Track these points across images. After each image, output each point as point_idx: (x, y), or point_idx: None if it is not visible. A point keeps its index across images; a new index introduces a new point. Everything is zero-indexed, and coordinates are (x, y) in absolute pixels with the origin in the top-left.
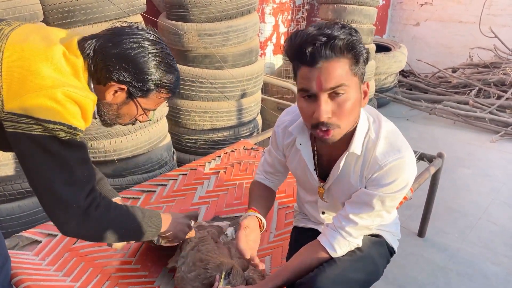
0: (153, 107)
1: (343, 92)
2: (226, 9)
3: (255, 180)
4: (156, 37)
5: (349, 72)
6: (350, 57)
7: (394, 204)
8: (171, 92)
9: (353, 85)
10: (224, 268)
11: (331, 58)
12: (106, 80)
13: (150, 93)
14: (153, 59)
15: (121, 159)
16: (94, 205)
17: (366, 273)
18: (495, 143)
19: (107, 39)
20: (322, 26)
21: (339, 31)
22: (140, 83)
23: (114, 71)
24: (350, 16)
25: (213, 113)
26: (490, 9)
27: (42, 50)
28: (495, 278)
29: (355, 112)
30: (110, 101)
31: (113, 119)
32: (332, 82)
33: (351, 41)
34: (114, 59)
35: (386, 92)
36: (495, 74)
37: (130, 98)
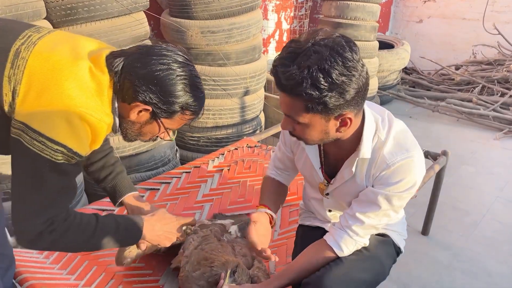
0: (175, 127)
1: (298, 122)
2: (229, 6)
3: (267, 176)
4: (185, 58)
5: (301, 110)
6: (301, 99)
7: (402, 204)
8: (195, 114)
9: (309, 120)
10: (229, 266)
11: (287, 92)
12: (131, 100)
13: (175, 115)
14: (181, 82)
15: (124, 157)
16: (49, 229)
17: (373, 273)
18: (498, 140)
19: (136, 58)
20: (294, 51)
21: (299, 69)
22: (166, 105)
23: (140, 92)
24: (353, 13)
25: (216, 111)
26: (493, 5)
27: (68, 63)
28: (499, 277)
29: (317, 137)
30: (133, 119)
31: (134, 136)
32: (286, 110)
33: (300, 84)
34: (141, 80)
35: (389, 89)
36: (499, 71)
37: (154, 119)
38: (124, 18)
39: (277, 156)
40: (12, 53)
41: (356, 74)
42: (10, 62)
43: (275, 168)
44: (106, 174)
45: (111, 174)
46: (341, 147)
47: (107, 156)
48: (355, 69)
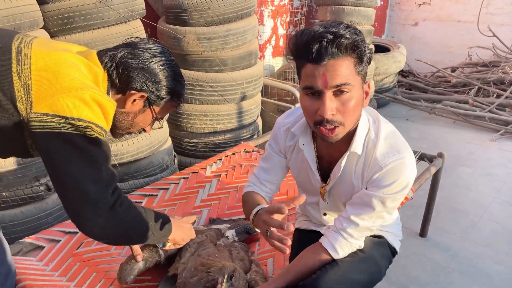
0: (163, 114)
1: (347, 90)
2: (225, 13)
3: (247, 191)
4: (165, 49)
5: (353, 71)
6: (355, 56)
7: (395, 205)
8: (180, 100)
9: (357, 84)
10: (226, 270)
11: (337, 56)
12: (127, 89)
13: (164, 101)
14: (168, 69)
15: (123, 163)
16: (119, 201)
17: (368, 274)
18: (495, 141)
19: (128, 51)
20: (328, 25)
21: (345, 30)
22: (157, 91)
23: (136, 80)
24: (348, 17)
25: (214, 116)
26: (488, 8)
27: (67, 58)
28: (498, 277)
29: (357, 111)
30: (128, 109)
31: (126, 128)
32: (338, 79)
33: (357, 41)
34: (135, 69)
35: (385, 92)
36: (494, 73)
37: (147, 106)
38: (121, 26)
39: (262, 168)
40: (14, 51)
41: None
42: (15, 60)
43: (258, 183)
44: None
45: None
46: (335, 147)
47: None
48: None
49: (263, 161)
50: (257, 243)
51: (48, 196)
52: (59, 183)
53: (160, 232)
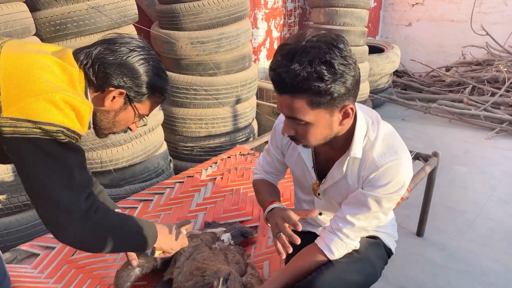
0: (147, 112)
1: (302, 122)
2: (218, 17)
3: (257, 179)
4: (146, 43)
5: (306, 108)
6: (307, 94)
7: (391, 206)
8: (163, 97)
9: (314, 117)
10: (221, 274)
11: (290, 92)
12: (105, 86)
13: (146, 98)
14: (147, 63)
15: (118, 169)
16: (94, 208)
17: (364, 275)
18: (490, 140)
19: (104, 47)
20: (290, 51)
21: (300, 66)
22: (137, 87)
23: (113, 76)
24: (342, 19)
25: (209, 120)
26: (481, 7)
27: (39, 59)
28: (495, 275)
29: (320, 135)
30: (108, 107)
31: (109, 127)
32: (290, 113)
33: (307, 79)
34: (112, 65)
35: (380, 92)
36: (488, 72)
37: (128, 103)
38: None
39: (266, 160)
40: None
41: (351, 63)
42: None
43: (264, 172)
44: None
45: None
46: (332, 147)
47: None
48: (350, 57)
49: (266, 154)
50: (253, 246)
51: None
52: (30, 190)
53: (142, 239)
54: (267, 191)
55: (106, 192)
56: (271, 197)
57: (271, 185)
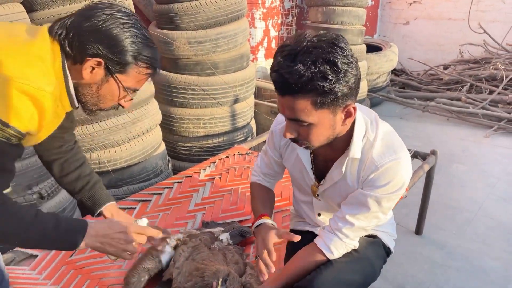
0: (134, 85)
1: (305, 123)
2: (215, 16)
3: (254, 182)
4: (129, 10)
5: (309, 108)
6: (311, 95)
7: (390, 205)
8: (152, 67)
9: (317, 118)
10: (220, 275)
11: (294, 93)
12: (82, 57)
13: (129, 68)
14: (128, 29)
15: (116, 169)
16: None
17: (363, 274)
18: (488, 138)
19: (79, 14)
20: (292, 52)
21: (304, 66)
22: (116, 55)
23: (88, 45)
24: (339, 17)
25: (207, 120)
26: (478, 5)
27: (3, 40)
28: (494, 273)
29: (322, 136)
30: (88, 80)
31: (94, 103)
32: (292, 115)
33: (311, 79)
34: (87, 32)
35: (379, 91)
36: (486, 70)
37: (109, 75)
38: None
39: (264, 161)
40: None
41: (353, 61)
42: None
43: (262, 174)
44: (83, 184)
45: (88, 184)
46: (331, 147)
47: (81, 166)
48: (352, 56)
49: (264, 155)
50: (252, 246)
51: (41, 204)
52: None
53: (59, 237)
54: (261, 200)
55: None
56: (263, 209)
57: (267, 192)
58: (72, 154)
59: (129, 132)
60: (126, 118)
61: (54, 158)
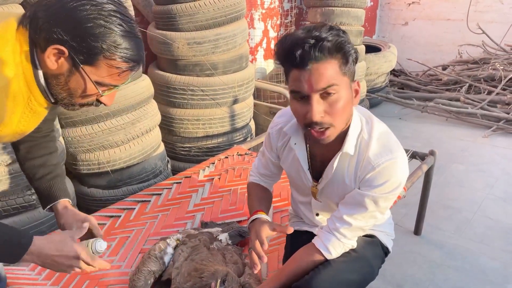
0: (108, 80)
1: (334, 92)
2: (214, 17)
3: (252, 182)
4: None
5: (339, 72)
6: (339, 57)
7: (388, 205)
8: (128, 61)
9: (344, 84)
10: (219, 275)
11: (321, 59)
12: (45, 44)
13: (97, 59)
14: (102, 15)
15: (115, 170)
16: None
17: (361, 274)
18: (487, 138)
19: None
20: (310, 28)
21: (327, 32)
22: (81, 42)
23: (51, 30)
24: (338, 18)
25: (206, 120)
26: (477, 6)
27: None
28: (493, 273)
29: (347, 111)
30: (55, 70)
31: (65, 96)
32: (323, 82)
33: (339, 42)
34: (54, 15)
35: (377, 92)
36: (485, 70)
37: (76, 66)
38: None
39: (261, 162)
40: None
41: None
42: None
43: (259, 175)
44: (44, 173)
45: (49, 174)
46: (327, 147)
47: (50, 155)
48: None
49: (261, 156)
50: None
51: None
52: None
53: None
54: (257, 197)
55: (64, 179)
56: (258, 205)
57: (263, 191)
58: (44, 141)
59: (128, 133)
60: (125, 119)
61: (25, 140)
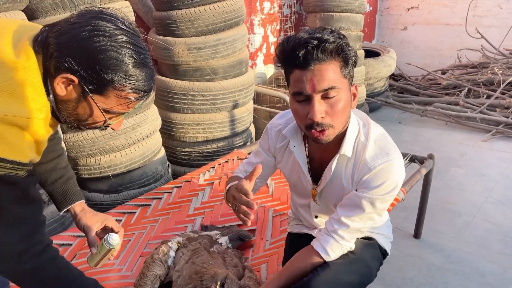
0: (116, 108)
1: (335, 93)
2: (214, 23)
3: (233, 175)
4: (126, 21)
5: (339, 74)
6: (340, 60)
7: (385, 207)
8: (137, 91)
9: (344, 87)
10: (218, 278)
11: (323, 60)
12: (55, 71)
13: (107, 90)
14: (112, 46)
15: (116, 174)
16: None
17: (359, 276)
18: (487, 142)
19: (64, 21)
20: (312, 31)
21: (329, 35)
22: (92, 74)
23: (62, 58)
24: (337, 23)
25: (206, 125)
26: (475, 10)
27: None
28: (492, 276)
29: (346, 112)
30: (64, 96)
31: (72, 120)
32: (325, 83)
33: (341, 44)
34: (65, 44)
35: (377, 96)
36: (484, 74)
37: (84, 94)
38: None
39: (251, 161)
40: None
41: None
42: None
43: (244, 172)
44: (57, 177)
45: (62, 177)
46: (326, 150)
47: (59, 158)
48: None
49: (253, 156)
50: (251, 249)
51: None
52: None
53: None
54: (233, 180)
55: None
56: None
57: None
58: (50, 144)
59: (129, 138)
60: (126, 124)
61: None
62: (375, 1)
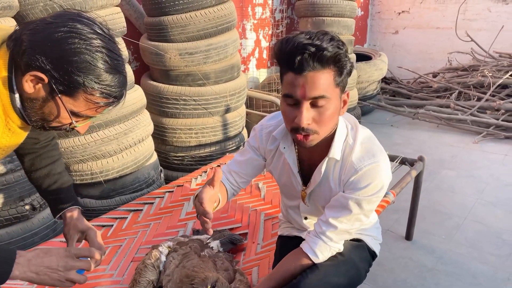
0: (85, 112)
1: (324, 102)
2: (205, 28)
3: None
4: (104, 30)
5: (332, 84)
6: (335, 69)
7: (372, 208)
8: (108, 97)
9: (334, 95)
10: (209, 281)
11: (318, 69)
12: (26, 68)
13: (77, 92)
14: (86, 50)
15: (108, 180)
16: None
17: (348, 277)
18: (477, 144)
19: (38, 21)
20: (313, 35)
21: (328, 43)
22: (63, 75)
23: (34, 56)
24: (329, 28)
25: (199, 130)
26: (465, 14)
27: None
28: (483, 277)
29: (333, 120)
30: (31, 94)
31: (38, 120)
32: (316, 91)
33: (339, 54)
34: (38, 42)
35: (369, 99)
36: (474, 77)
37: (52, 94)
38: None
39: (236, 159)
40: None
41: None
42: None
43: (227, 172)
44: (51, 182)
45: (56, 183)
46: (315, 152)
47: (54, 163)
48: None
49: (239, 154)
50: (242, 253)
51: (34, 215)
52: None
53: None
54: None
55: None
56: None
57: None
58: (45, 151)
59: (121, 143)
60: (118, 129)
61: (27, 152)
62: (366, 5)
